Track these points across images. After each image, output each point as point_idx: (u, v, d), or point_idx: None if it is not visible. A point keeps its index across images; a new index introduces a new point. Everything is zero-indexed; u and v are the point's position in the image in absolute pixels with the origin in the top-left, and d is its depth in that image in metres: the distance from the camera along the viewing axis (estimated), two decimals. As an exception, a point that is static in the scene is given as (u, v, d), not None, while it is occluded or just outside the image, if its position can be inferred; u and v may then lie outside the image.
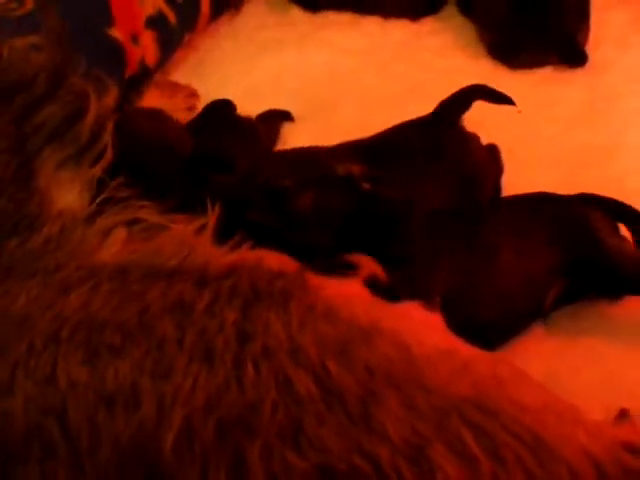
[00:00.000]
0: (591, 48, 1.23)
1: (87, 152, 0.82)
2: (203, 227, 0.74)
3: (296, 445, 0.51)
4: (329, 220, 0.82)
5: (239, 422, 0.51)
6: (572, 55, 1.20)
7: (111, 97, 0.90)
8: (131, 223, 0.76)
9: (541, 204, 0.90)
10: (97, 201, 0.78)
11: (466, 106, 0.98)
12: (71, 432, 0.52)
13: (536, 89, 1.20)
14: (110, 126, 0.85)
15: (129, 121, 0.92)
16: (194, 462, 0.50)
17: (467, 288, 0.82)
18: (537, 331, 0.87)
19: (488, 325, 0.82)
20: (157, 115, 0.98)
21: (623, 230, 0.89)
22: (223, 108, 1.06)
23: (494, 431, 0.54)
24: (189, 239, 0.72)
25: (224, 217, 0.77)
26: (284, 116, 1.17)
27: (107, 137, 0.84)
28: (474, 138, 0.97)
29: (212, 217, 0.76)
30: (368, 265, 0.77)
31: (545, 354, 0.85)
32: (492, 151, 0.98)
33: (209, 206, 0.77)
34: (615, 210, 0.89)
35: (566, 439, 0.55)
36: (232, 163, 0.91)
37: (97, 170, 0.81)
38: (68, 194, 0.78)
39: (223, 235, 0.74)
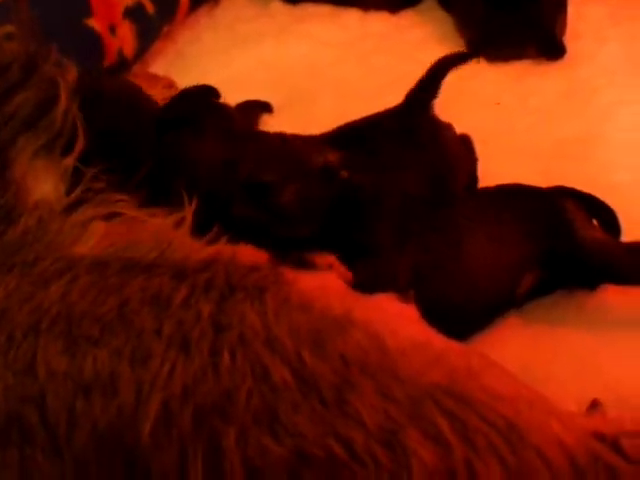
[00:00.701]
0: (569, 41, 1.24)
1: (60, 140, 0.81)
2: (181, 221, 0.75)
3: (272, 431, 0.51)
4: (312, 212, 0.82)
5: (215, 408, 0.52)
6: (550, 48, 1.21)
7: (72, 76, 0.89)
8: (109, 216, 0.76)
9: (516, 194, 0.91)
10: (74, 193, 0.78)
11: (433, 90, 0.98)
12: (49, 419, 0.53)
13: (514, 81, 1.21)
14: (76, 109, 0.84)
15: (93, 87, 0.90)
16: (171, 447, 0.50)
17: (435, 272, 0.83)
18: (513, 321, 0.88)
19: (456, 309, 0.83)
20: (123, 80, 0.98)
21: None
22: (205, 95, 1.05)
23: (467, 418, 0.55)
24: (167, 233, 0.72)
25: (201, 210, 0.77)
26: (263, 107, 1.17)
27: (78, 123, 0.83)
28: (447, 127, 0.97)
29: (189, 210, 0.76)
30: (333, 266, 0.77)
31: (520, 344, 0.86)
32: (465, 141, 0.99)
33: (186, 199, 0.77)
34: (589, 205, 0.90)
35: (539, 428, 0.56)
36: (200, 127, 0.91)
37: (71, 159, 0.81)
38: (44, 184, 0.78)
39: (200, 228, 0.74)
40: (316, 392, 0.54)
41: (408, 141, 0.94)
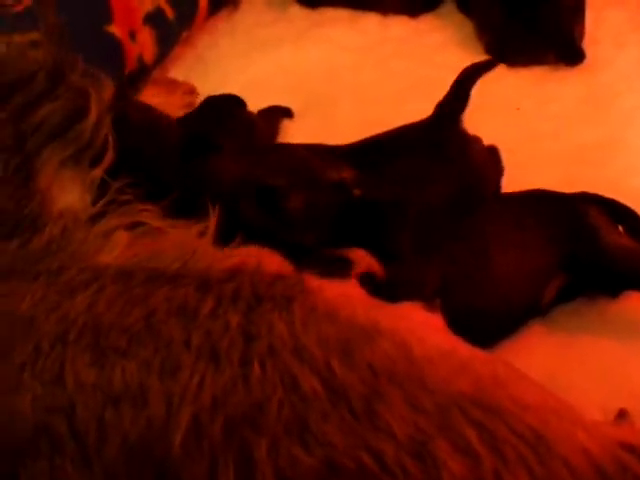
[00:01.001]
0: (588, 46, 1.24)
1: (88, 152, 0.82)
2: (204, 230, 0.75)
3: (302, 442, 0.51)
4: (317, 222, 0.83)
5: (246, 420, 0.52)
6: (569, 54, 1.21)
7: (107, 94, 0.90)
8: (132, 226, 0.76)
9: (539, 200, 0.91)
10: (100, 203, 0.79)
11: (462, 101, 0.97)
12: (79, 430, 0.53)
13: (534, 86, 1.21)
14: (109, 124, 0.85)
15: (124, 115, 0.91)
16: (203, 459, 0.50)
17: (463, 281, 0.83)
18: (537, 329, 0.88)
19: (485, 317, 0.83)
20: (145, 107, 0.97)
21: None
22: (230, 105, 1.05)
23: (496, 429, 0.55)
24: (190, 243, 0.72)
25: (224, 219, 0.77)
26: (284, 112, 1.18)
27: (108, 136, 0.84)
28: (476, 140, 0.97)
29: (212, 220, 0.76)
30: (364, 260, 0.77)
31: (545, 352, 0.86)
32: (493, 153, 0.98)
33: (210, 208, 0.77)
34: (613, 210, 0.90)
35: (566, 438, 0.55)
36: (220, 145, 0.91)
37: (98, 171, 0.81)
38: (69, 195, 0.78)
39: (224, 237, 0.75)
40: (345, 402, 0.54)
41: (437, 154, 0.94)
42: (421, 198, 0.88)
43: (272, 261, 0.70)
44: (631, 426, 0.70)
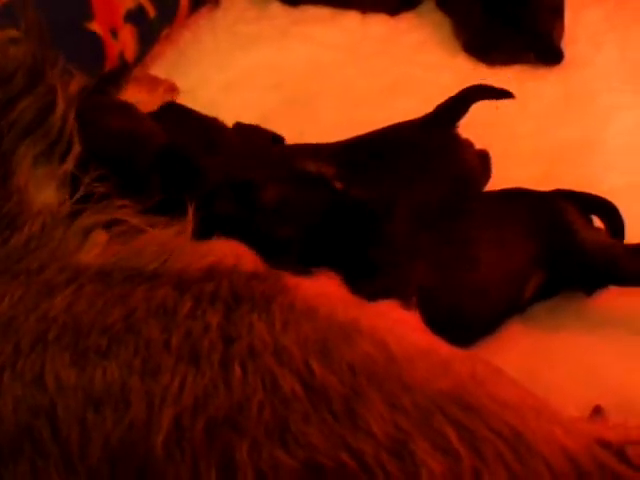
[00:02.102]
0: (566, 45, 1.25)
1: (58, 146, 0.81)
2: (183, 229, 0.75)
3: (283, 443, 0.52)
4: (296, 216, 0.83)
5: (227, 421, 0.52)
6: (548, 54, 1.22)
7: (75, 86, 0.89)
8: (111, 224, 0.76)
9: (517, 198, 0.92)
10: (75, 198, 0.78)
11: (464, 109, 0.99)
12: (61, 432, 0.53)
13: (513, 85, 1.21)
14: (73, 116, 0.84)
15: (97, 116, 0.90)
16: (184, 461, 0.51)
17: (447, 282, 0.83)
18: (514, 326, 0.89)
19: (466, 316, 0.84)
20: (127, 109, 0.96)
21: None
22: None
23: (475, 427, 0.55)
24: (169, 242, 0.72)
25: (202, 217, 0.77)
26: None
27: (72, 129, 0.83)
28: (468, 144, 0.98)
29: (189, 218, 0.76)
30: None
31: (522, 349, 0.87)
32: (483, 158, 0.99)
33: (188, 207, 0.77)
34: (590, 204, 0.92)
35: (544, 435, 0.56)
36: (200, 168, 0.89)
37: (69, 164, 0.80)
38: (45, 191, 0.78)
39: (201, 235, 0.74)
40: (326, 403, 0.54)
41: (429, 156, 0.95)
42: (411, 198, 0.88)
43: (249, 259, 0.70)
44: (606, 422, 0.71)
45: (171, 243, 0.72)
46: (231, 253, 0.70)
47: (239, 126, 1.05)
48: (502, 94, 1.01)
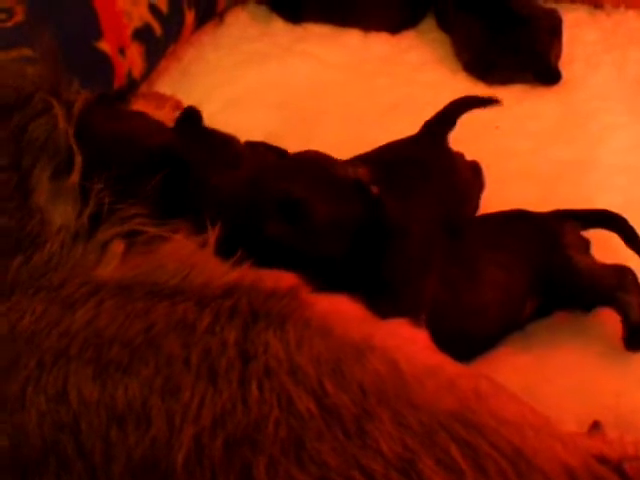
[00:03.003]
0: (563, 65, 1.28)
1: (63, 161, 0.82)
2: (204, 243, 0.75)
3: (299, 461, 0.53)
4: (343, 229, 0.82)
5: (245, 439, 0.54)
6: (546, 74, 1.25)
7: (80, 103, 0.88)
8: (128, 234, 0.76)
9: (518, 220, 0.94)
10: (88, 212, 0.79)
11: (451, 123, 1.01)
12: (85, 448, 0.54)
13: (511, 104, 1.24)
14: (72, 129, 0.84)
15: (93, 121, 0.88)
16: (204, 477, 0.52)
17: (451, 299, 0.85)
18: (512, 343, 0.91)
19: (470, 334, 0.86)
20: (122, 114, 0.95)
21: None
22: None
23: (477, 444, 0.57)
24: (190, 256, 0.73)
25: (225, 234, 0.76)
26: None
27: (73, 141, 0.83)
28: (459, 156, 1.00)
29: (213, 233, 0.76)
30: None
31: (520, 365, 0.89)
32: (475, 169, 1.01)
33: (208, 221, 0.76)
34: (594, 218, 0.95)
35: (544, 451, 0.58)
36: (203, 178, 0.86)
37: (75, 176, 0.81)
38: (60, 207, 0.79)
39: (224, 251, 0.74)
40: (338, 422, 0.56)
41: (424, 170, 0.96)
42: (418, 214, 0.90)
43: (270, 276, 0.71)
44: (604, 437, 0.73)
45: (192, 257, 0.73)
46: (252, 271, 0.71)
47: (249, 144, 1.06)
48: (487, 102, 1.03)
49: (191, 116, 1.04)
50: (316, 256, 0.80)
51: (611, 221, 0.94)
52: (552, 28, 1.27)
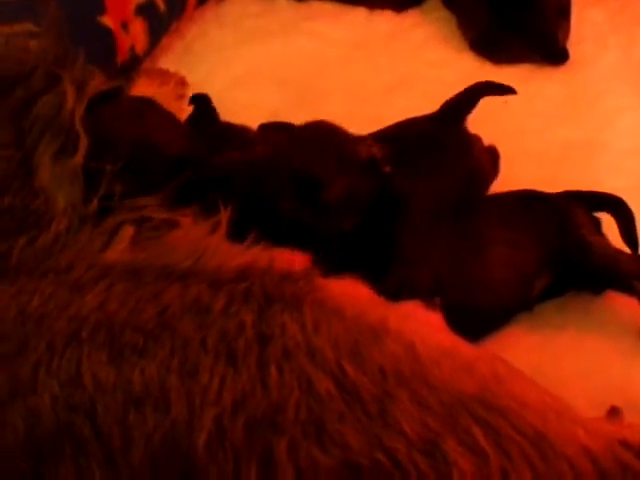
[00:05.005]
0: (571, 45, 1.26)
1: (69, 142, 0.81)
2: (216, 225, 0.75)
3: (320, 442, 0.53)
4: (357, 206, 0.82)
5: (266, 421, 0.53)
6: (553, 54, 1.23)
7: (94, 85, 0.88)
8: (138, 220, 0.76)
9: (529, 200, 0.94)
10: (99, 195, 0.78)
11: (471, 106, 1.00)
12: (102, 431, 0.54)
13: (518, 84, 1.22)
14: (81, 111, 0.83)
15: (109, 123, 0.87)
16: (226, 460, 0.52)
17: (459, 275, 0.85)
18: (521, 324, 0.90)
19: (477, 313, 0.85)
20: (141, 113, 0.92)
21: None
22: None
23: (500, 427, 0.57)
24: (202, 240, 0.72)
25: (238, 214, 0.76)
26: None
27: (80, 121, 0.82)
28: (477, 139, 0.99)
29: (225, 215, 0.76)
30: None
31: (530, 347, 0.88)
32: (492, 153, 1.00)
33: (220, 204, 0.76)
34: (598, 201, 0.94)
35: (567, 436, 0.57)
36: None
37: (79, 158, 0.80)
38: (67, 188, 0.78)
39: (237, 233, 0.74)
40: (359, 403, 0.55)
41: (441, 149, 0.95)
42: (428, 191, 0.90)
43: (283, 258, 0.71)
44: (623, 422, 0.72)
45: (204, 241, 0.72)
46: (265, 253, 0.71)
47: (264, 127, 1.04)
48: (507, 91, 1.03)
49: (204, 109, 1.03)
50: (328, 232, 0.80)
51: (616, 206, 0.93)
52: (560, 7, 1.25)
